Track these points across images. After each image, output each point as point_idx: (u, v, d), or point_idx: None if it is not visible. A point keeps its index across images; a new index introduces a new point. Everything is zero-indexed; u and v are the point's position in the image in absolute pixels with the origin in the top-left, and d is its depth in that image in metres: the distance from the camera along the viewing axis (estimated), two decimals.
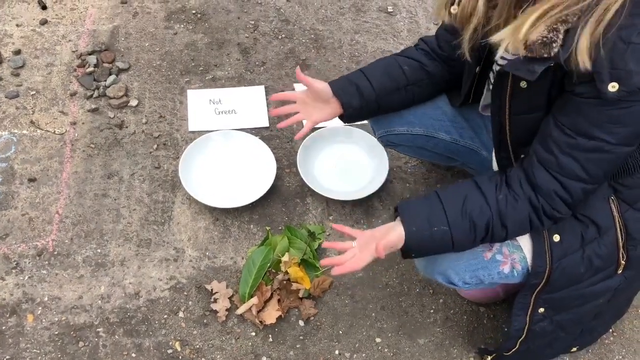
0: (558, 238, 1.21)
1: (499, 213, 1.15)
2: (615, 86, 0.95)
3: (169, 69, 2.14)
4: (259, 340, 1.55)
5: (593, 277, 1.25)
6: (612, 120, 1.01)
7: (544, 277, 1.25)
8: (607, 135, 1.02)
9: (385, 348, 1.57)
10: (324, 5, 2.43)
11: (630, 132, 1.02)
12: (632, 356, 1.60)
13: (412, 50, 1.50)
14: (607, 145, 1.04)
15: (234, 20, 2.33)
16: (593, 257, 1.22)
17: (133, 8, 2.33)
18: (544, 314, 1.31)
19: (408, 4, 2.46)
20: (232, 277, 1.66)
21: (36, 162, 1.85)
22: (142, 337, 1.54)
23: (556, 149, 1.08)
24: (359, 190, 1.81)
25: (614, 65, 0.95)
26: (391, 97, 1.47)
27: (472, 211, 1.16)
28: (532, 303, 1.30)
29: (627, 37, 0.94)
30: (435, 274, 1.32)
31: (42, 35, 2.20)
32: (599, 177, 1.11)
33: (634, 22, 0.94)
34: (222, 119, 2.00)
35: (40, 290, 1.60)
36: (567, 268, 1.23)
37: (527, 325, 1.33)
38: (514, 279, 1.30)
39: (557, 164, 1.09)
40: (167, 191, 1.82)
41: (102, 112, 1.99)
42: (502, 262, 1.27)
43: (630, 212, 1.21)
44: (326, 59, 2.23)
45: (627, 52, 0.94)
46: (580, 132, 1.04)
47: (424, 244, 1.20)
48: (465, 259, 1.27)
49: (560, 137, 1.07)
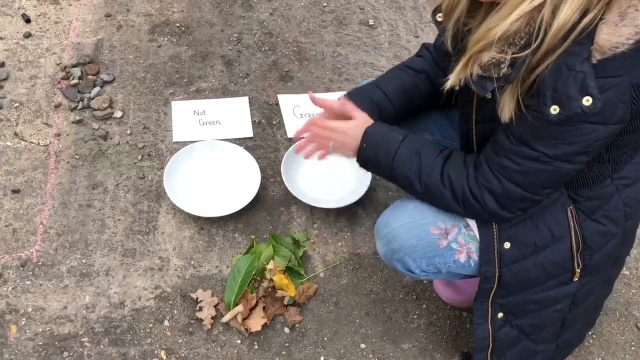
0: (509, 245, 1.24)
1: (443, 162, 1.22)
2: (556, 109, 0.99)
3: (153, 80, 2.16)
4: (244, 348, 1.56)
5: (547, 282, 1.27)
6: (554, 137, 1.05)
7: (494, 281, 1.28)
8: (547, 149, 1.06)
9: (370, 354, 1.59)
10: (306, 18, 2.47)
11: (570, 150, 1.06)
12: (611, 357, 1.63)
13: (419, 61, 1.49)
14: (545, 157, 1.07)
15: (217, 33, 2.36)
16: (546, 264, 1.24)
17: (117, 21, 2.35)
18: (504, 319, 1.33)
19: (389, 17, 2.51)
20: (217, 285, 1.66)
21: (20, 173, 1.85)
22: (128, 347, 1.54)
23: (502, 153, 1.13)
24: (343, 198, 1.84)
25: (556, 89, 0.99)
26: (406, 113, 1.49)
27: (426, 145, 1.26)
28: (490, 309, 1.32)
29: (571, 64, 0.97)
30: (394, 261, 1.33)
31: (25, 48, 2.21)
32: (537, 187, 1.13)
33: (580, 50, 0.97)
34: (207, 130, 2.02)
35: (24, 300, 1.59)
36: (518, 273, 1.26)
37: (491, 332, 1.34)
38: (471, 270, 1.31)
39: (500, 165, 1.13)
40: (152, 201, 1.83)
41: (86, 123, 2.00)
42: (457, 250, 1.29)
43: (588, 222, 1.23)
44: (309, 71, 2.27)
45: (570, 79, 0.97)
46: (524, 142, 1.08)
47: (377, 136, 1.28)
48: (421, 246, 1.28)
49: (506, 142, 1.11)
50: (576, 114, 0.98)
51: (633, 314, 1.73)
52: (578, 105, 0.97)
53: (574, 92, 0.97)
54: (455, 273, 1.34)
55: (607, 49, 0.96)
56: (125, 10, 2.40)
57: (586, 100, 0.97)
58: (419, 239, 1.29)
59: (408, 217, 1.31)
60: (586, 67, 0.97)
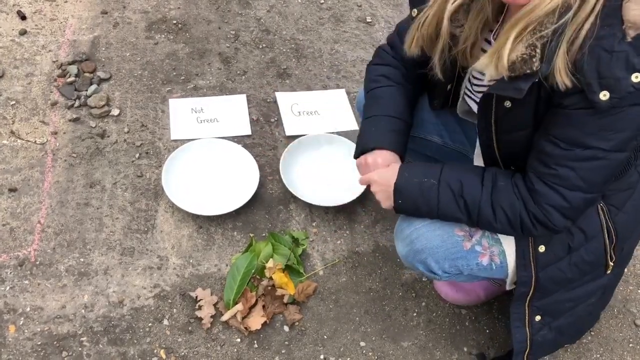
0: (544, 249, 1.24)
1: (490, 194, 1.17)
2: (606, 94, 0.98)
3: (150, 78, 2.15)
4: (244, 347, 1.56)
5: (582, 278, 1.29)
6: (605, 128, 1.03)
7: (531, 285, 1.28)
8: (601, 142, 1.04)
9: (369, 352, 1.59)
10: (303, 15, 2.46)
11: (623, 138, 1.04)
12: (609, 354, 1.64)
13: (396, 73, 1.46)
14: (601, 153, 1.05)
15: (214, 30, 2.35)
16: (580, 263, 1.25)
17: (113, 18, 2.33)
18: (542, 322, 1.34)
19: (386, 14, 2.51)
20: (217, 284, 1.66)
21: (17, 172, 1.84)
22: (127, 346, 1.53)
23: (553, 163, 1.09)
24: (342, 196, 1.83)
25: (601, 74, 0.97)
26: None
27: (466, 180, 1.20)
28: (527, 312, 1.32)
29: (609, 47, 0.97)
30: (416, 263, 1.33)
31: (21, 46, 2.19)
32: (598, 185, 1.11)
33: (612, 31, 0.97)
34: (204, 128, 2.01)
35: (22, 300, 1.58)
36: (554, 275, 1.26)
37: (529, 335, 1.35)
38: (492, 273, 1.32)
39: (556, 176, 1.10)
40: (150, 199, 1.82)
41: (83, 121, 1.99)
42: (481, 253, 1.29)
43: (620, 215, 1.24)
44: (307, 68, 2.26)
45: (612, 61, 0.96)
46: (575, 143, 1.06)
47: (410, 189, 1.24)
48: (445, 248, 1.28)
49: (555, 150, 1.08)
50: (629, 93, 0.97)
51: (631, 310, 1.73)
52: (629, 84, 0.96)
53: (621, 72, 0.96)
54: (476, 275, 1.34)
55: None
56: (122, 7, 2.39)
57: (635, 77, 0.95)
58: (443, 239, 1.28)
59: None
60: (625, 46, 0.96)
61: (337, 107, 2.15)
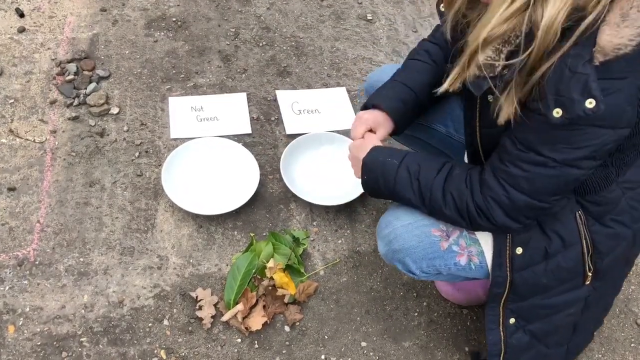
0: (521, 251, 1.24)
1: (443, 180, 1.20)
2: (559, 112, 0.98)
3: (150, 76, 2.14)
4: (244, 347, 1.55)
5: (559, 287, 1.27)
6: (560, 140, 1.03)
7: (505, 286, 1.27)
8: (554, 153, 1.05)
9: (370, 352, 1.58)
10: (304, 13, 2.45)
11: (578, 155, 1.04)
12: (611, 354, 1.63)
13: (437, 50, 1.48)
14: (552, 162, 1.06)
15: (214, 27, 2.34)
16: (557, 270, 1.24)
17: (113, 16, 2.32)
18: (516, 324, 1.32)
19: (387, 11, 2.50)
20: (217, 284, 1.65)
21: (16, 171, 1.83)
22: (127, 346, 1.52)
23: (507, 160, 1.11)
24: (343, 195, 1.83)
25: (559, 92, 0.97)
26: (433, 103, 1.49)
27: (424, 164, 1.24)
28: (501, 314, 1.31)
29: (573, 66, 0.96)
30: (395, 262, 1.34)
31: (20, 43, 2.18)
32: (544, 193, 1.11)
33: (582, 51, 0.96)
34: (204, 126, 2.00)
35: (22, 300, 1.57)
36: (529, 279, 1.25)
37: (503, 338, 1.34)
38: (472, 273, 1.31)
39: (507, 173, 1.11)
40: (150, 199, 1.81)
41: (82, 120, 1.98)
42: (458, 253, 1.29)
43: (597, 227, 1.22)
44: (307, 66, 2.25)
45: (572, 81, 0.96)
46: (530, 147, 1.07)
47: (374, 166, 1.30)
48: (422, 248, 1.29)
49: (512, 149, 1.10)
50: (579, 116, 0.97)
51: (633, 310, 1.73)
52: (581, 108, 0.96)
53: (577, 95, 0.96)
54: (456, 275, 1.34)
55: (609, 50, 0.95)
56: (121, 4, 2.37)
57: (589, 102, 0.95)
58: (419, 240, 1.28)
59: (410, 217, 1.30)
60: (588, 69, 0.95)
61: (337, 105, 2.14)
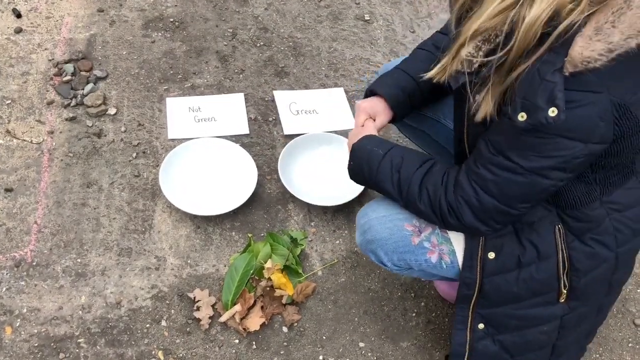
0: (493, 255, 1.23)
1: (423, 175, 1.21)
2: (523, 116, 0.98)
3: (147, 77, 2.13)
4: (242, 348, 1.55)
5: (531, 299, 1.26)
6: (528, 147, 1.03)
7: (475, 289, 1.27)
8: (522, 160, 1.05)
9: (368, 352, 1.58)
10: (301, 13, 2.45)
11: (546, 164, 1.04)
12: (608, 354, 1.64)
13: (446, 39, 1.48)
14: (520, 169, 1.06)
15: (212, 28, 2.34)
16: (529, 280, 1.23)
17: (110, 16, 2.32)
18: (485, 331, 1.31)
19: (384, 12, 2.50)
20: (215, 284, 1.65)
21: (13, 171, 1.83)
22: (125, 347, 1.52)
23: (480, 162, 1.12)
24: (340, 196, 1.83)
25: (526, 96, 0.97)
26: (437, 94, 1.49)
27: (407, 157, 1.25)
28: (470, 317, 1.31)
29: (543, 73, 0.96)
30: (368, 252, 1.35)
31: (17, 44, 2.17)
32: (512, 199, 1.11)
33: (555, 59, 0.95)
34: (202, 127, 2.00)
35: (19, 301, 1.57)
36: (500, 285, 1.24)
37: (469, 341, 1.33)
38: (444, 272, 1.31)
39: (478, 175, 1.12)
40: (148, 199, 1.81)
41: (80, 120, 1.97)
42: (429, 250, 1.29)
43: (576, 243, 1.21)
44: (305, 67, 2.25)
45: (540, 88, 0.96)
46: (500, 151, 1.07)
47: (361, 153, 1.31)
48: (393, 241, 1.29)
49: (485, 151, 1.10)
50: (541, 123, 0.96)
51: (630, 310, 1.73)
52: (544, 115, 0.96)
53: (542, 102, 0.95)
54: (429, 272, 1.34)
55: (578, 62, 0.94)
56: (118, 5, 2.37)
57: (552, 111, 0.95)
58: (391, 232, 1.30)
59: (385, 210, 1.32)
60: (557, 77, 0.95)
61: (335, 105, 2.14)
